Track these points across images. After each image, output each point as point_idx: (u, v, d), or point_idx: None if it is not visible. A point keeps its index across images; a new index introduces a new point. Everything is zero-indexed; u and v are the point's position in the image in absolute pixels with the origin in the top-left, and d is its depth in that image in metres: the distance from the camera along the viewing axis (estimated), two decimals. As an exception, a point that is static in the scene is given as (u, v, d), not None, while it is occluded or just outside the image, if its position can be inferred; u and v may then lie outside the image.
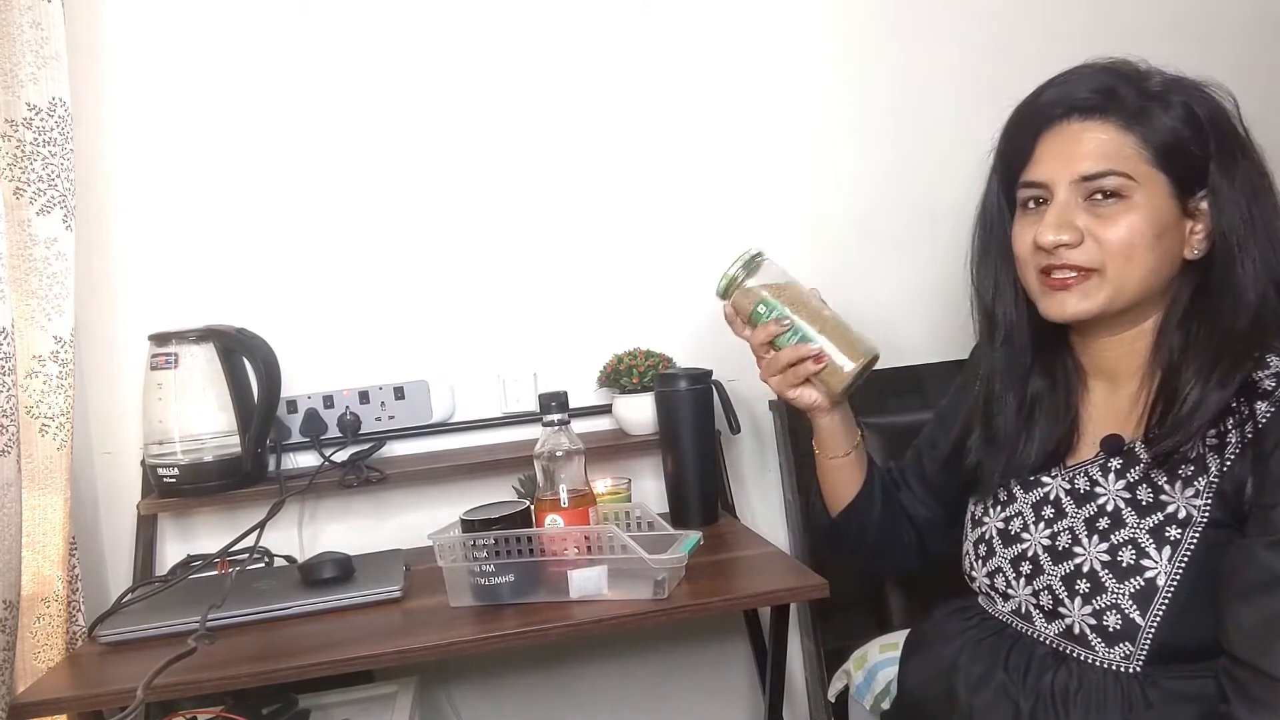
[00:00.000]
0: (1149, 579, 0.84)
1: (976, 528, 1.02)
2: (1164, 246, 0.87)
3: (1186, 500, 0.84)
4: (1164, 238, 0.87)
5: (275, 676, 1.03)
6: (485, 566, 1.13)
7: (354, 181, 1.57)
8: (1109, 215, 0.87)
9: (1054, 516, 0.94)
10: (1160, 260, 0.88)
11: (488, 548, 1.13)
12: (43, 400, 1.28)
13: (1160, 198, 0.87)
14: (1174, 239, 0.88)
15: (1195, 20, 1.76)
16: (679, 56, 1.64)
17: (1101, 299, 0.89)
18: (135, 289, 1.52)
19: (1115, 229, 0.87)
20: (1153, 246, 0.87)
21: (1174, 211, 0.87)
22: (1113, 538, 0.88)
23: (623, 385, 1.53)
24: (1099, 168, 0.87)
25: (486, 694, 1.63)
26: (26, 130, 1.28)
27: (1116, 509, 0.89)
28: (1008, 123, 0.97)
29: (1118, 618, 0.85)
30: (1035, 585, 0.93)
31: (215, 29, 1.52)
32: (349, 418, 1.54)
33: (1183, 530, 0.84)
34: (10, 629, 1.16)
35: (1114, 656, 0.86)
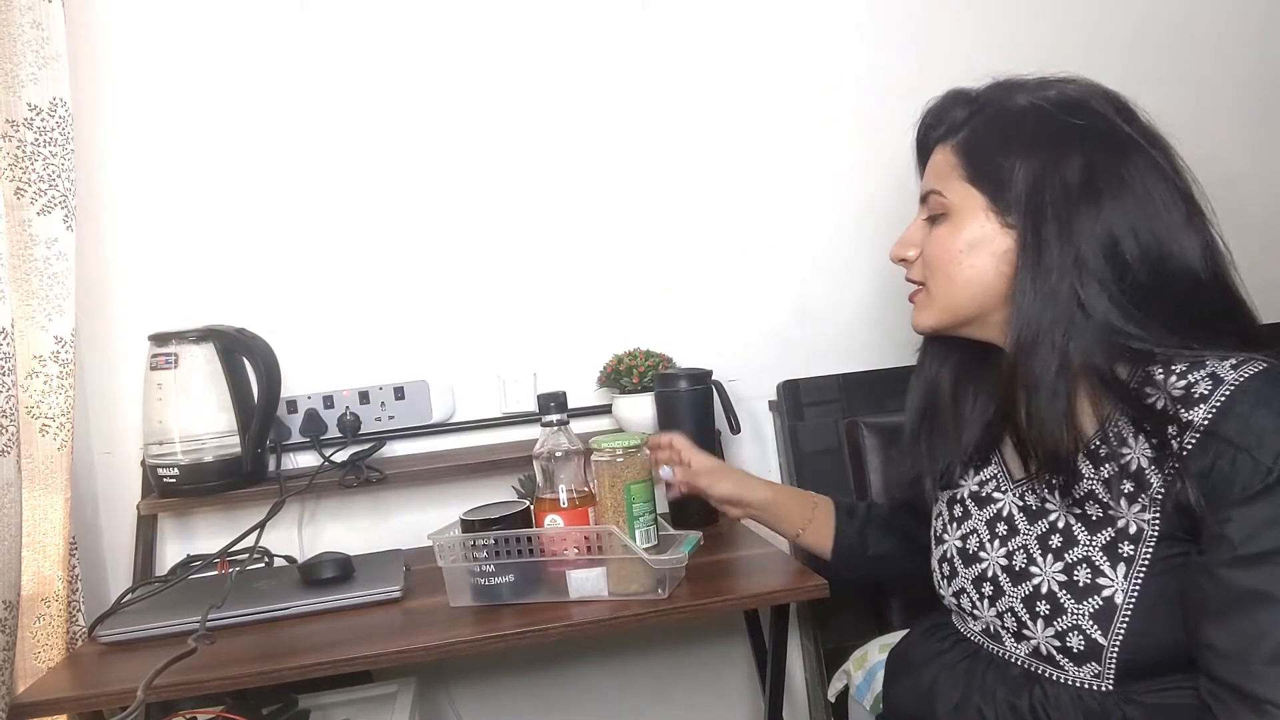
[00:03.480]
0: (1107, 598, 0.81)
1: (939, 545, 1.01)
2: (979, 260, 0.87)
3: (1135, 515, 0.81)
4: (977, 250, 0.87)
5: (275, 676, 1.03)
6: (485, 566, 1.13)
7: (354, 181, 1.57)
8: (933, 232, 0.91)
9: (1008, 534, 0.92)
10: (979, 273, 0.87)
11: (488, 548, 1.13)
12: (43, 400, 1.28)
13: (973, 211, 0.87)
14: (991, 252, 0.86)
15: (1210, 19, 1.77)
16: (679, 54, 1.64)
17: (935, 312, 0.92)
18: (135, 289, 1.52)
19: (930, 244, 0.91)
20: (964, 260, 0.87)
21: (990, 224, 0.86)
22: (1066, 556, 0.85)
23: (623, 385, 1.53)
24: (925, 189, 0.92)
25: (486, 694, 1.63)
26: (27, 130, 1.28)
27: (1068, 526, 0.86)
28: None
29: (1080, 639, 0.83)
30: (999, 607, 0.91)
31: (215, 29, 1.52)
32: (349, 418, 1.54)
33: (1135, 546, 0.81)
34: (10, 629, 1.16)
35: (1084, 675, 0.83)
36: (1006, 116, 0.88)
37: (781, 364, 1.66)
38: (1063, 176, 0.82)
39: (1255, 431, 0.74)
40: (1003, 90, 0.90)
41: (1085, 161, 0.82)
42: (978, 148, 0.88)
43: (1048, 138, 0.84)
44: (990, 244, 0.87)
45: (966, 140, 0.89)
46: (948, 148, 0.90)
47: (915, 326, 0.95)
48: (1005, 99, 0.89)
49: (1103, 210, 0.81)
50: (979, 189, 0.87)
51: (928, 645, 1.01)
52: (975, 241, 0.87)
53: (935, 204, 0.90)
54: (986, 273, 0.87)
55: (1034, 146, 0.84)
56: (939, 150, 0.92)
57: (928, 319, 0.93)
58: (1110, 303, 0.81)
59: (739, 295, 1.67)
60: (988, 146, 0.87)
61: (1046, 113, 0.85)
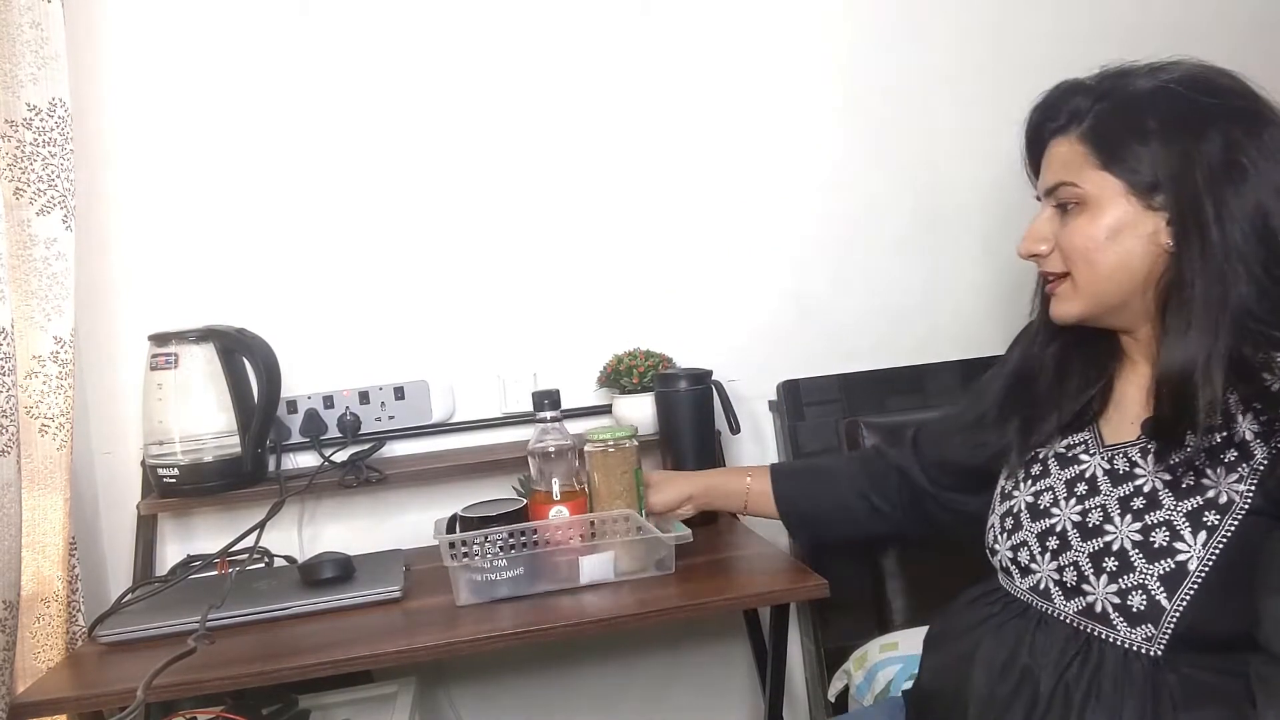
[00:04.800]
0: (1180, 562, 0.82)
1: (1005, 501, 1.01)
2: (1125, 245, 0.87)
3: (1229, 485, 0.82)
4: (1122, 236, 0.87)
5: (275, 676, 1.03)
6: (497, 562, 1.14)
7: (354, 182, 1.57)
8: (1068, 223, 0.91)
9: (1087, 493, 0.92)
10: (1125, 258, 0.87)
11: (500, 542, 1.14)
12: (43, 400, 1.28)
13: (1112, 198, 0.87)
14: (1137, 235, 0.87)
15: (1199, 18, 1.77)
16: (679, 56, 1.64)
17: (1080, 301, 0.92)
18: (135, 289, 1.52)
19: (1069, 235, 0.90)
20: (1108, 247, 0.88)
21: (1132, 208, 0.87)
22: (1147, 518, 0.86)
23: (623, 385, 1.53)
24: (1052, 181, 0.92)
25: (486, 694, 1.63)
26: (26, 130, 1.28)
27: (1154, 490, 0.87)
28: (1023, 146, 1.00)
29: (1143, 598, 0.84)
30: (1061, 561, 0.91)
31: (215, 29, 1.52)
32: (349, 418, 1.54)
33: (1221, 516, 0.82)
34: (10, 629, 1.16)
35: (1135, 637, 0.84)
36: (1133, 100, 0.87)
37: (781, 364, 1.66)
38: (1207, 155, 0.83)
39: None
40: (1119, 77, 0.90)
41: (1225, 139, 0.83)
42: (1108, 134, 0.88)
43: (1182, 118, 0.84)
44: (1136, 228, 0.87)
45: (1094, 128, 0.89)
46: (1072, 138, 0.90)
47: (1058, 317, 0.94)
48: (1126, 85, 0.89)
49: (1249, 186, 0.82)
50: (1116, 174, 0.87)
51: (974, 611, 1.01)
52: (1119, 227, 0.87)
53: (1068, 194, 0.90)
54: (1133, 255, 0.87)
55: (1169, 128, 0.85)
56: (1060, 142, 0.92)
57: (1073, 309, 0.93)
58: (1253, 283, 0.81)
59: (739, 295, 1.67)
60: (1119, 131, 0.87)
61: (1175, 93, 0.85)
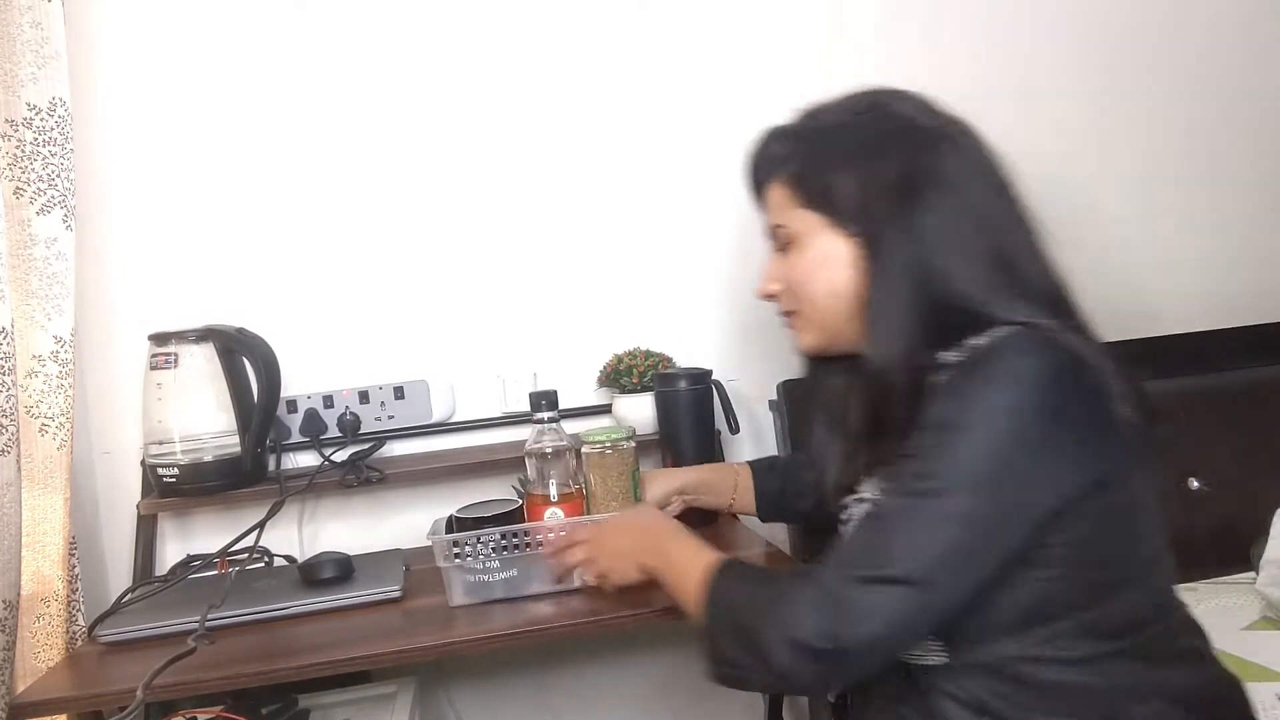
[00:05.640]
0: None
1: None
2: (830, 273, 0.92)
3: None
4: (827, 266, 0.92)
5: (275, 676, 1.03)
6: (490, 563, 1.14)
7: (354, 181, 1.57)
8: (787, 260, 0.96)
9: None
10: (832, 285, 0.92)
11: (493, 544, 1.14)
12: (43, 400, 1.28)
13: (816, 232, 0.92)
14: (839, 264, 0.91)
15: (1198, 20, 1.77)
16: (677, 54, 1.64)
17: (811, 332, 0.97)
18: (135, 289, 1.52)
19: (788, 272, 0.96)
20: (818, 277, 0.93)
21: (833, 239, 0.91)
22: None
23: (623, 385, 1.53)
24: (769, 224, 0.98)
25: (486, 694, 1.63)
26: (26, 130, 1.28)
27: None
28: None
29: None
30: None
31: (215, 29, 1.52)
32: (349, 418, 1.54)
33: None
34: (10, 629, 1.16)
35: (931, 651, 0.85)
36: (821, 138, 0.94)
37: (781, 364, 1.65)
38: (886, 178, 0.87)
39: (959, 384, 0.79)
40: (812, 116, 0.96)
41: (902, 160, 0.88)
42: (804, 174, 0.93)
43: (863, 146, 0.90)
44: (838, 255, 0.91)
45: (793, 171, 0.94)
46: (778, 182, 0.96)
47: (799, 350, 1.00)
48: (816, 122, 0.95)
49: (928, 203, 0.86)
50: (815, 210, 0.92)
51: None
52: (823, 259, 0.92)
53: (782, 235, 0.96)
54: (839, 282, 0.91)
55: (853, 158, 0.90)
56: (772, 187, 0.97)
57: (807, 340, 0.98)
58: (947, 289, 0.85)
59: (739, 294, 1.67)
60: (812, 170, 0.93)
61: (859, 124, 0.92)
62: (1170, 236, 1.77)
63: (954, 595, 0.78)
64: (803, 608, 0.78)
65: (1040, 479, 0.77)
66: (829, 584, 0.78)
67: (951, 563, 0.76)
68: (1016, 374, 0.77)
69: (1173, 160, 1.77)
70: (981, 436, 0.77)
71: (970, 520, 0.76)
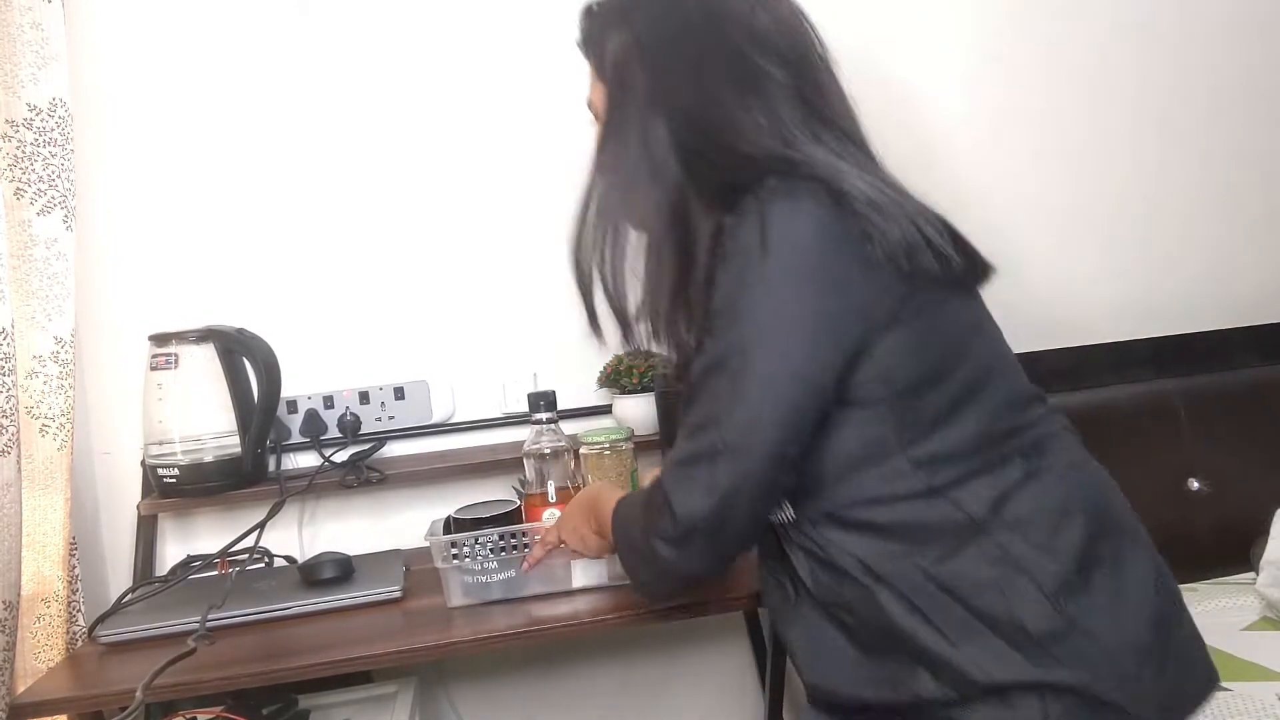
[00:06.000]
0: None
1: None
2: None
3: None
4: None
5: (275, 677, 1.03)
6: (488, 564, 1.14)
7: (354, 182, 1.57)
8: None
9: None
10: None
11: (491, 545, 1.14)
12: (43, 400, 1.28)
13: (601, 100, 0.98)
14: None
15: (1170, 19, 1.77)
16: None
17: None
18: (135, 289, 1.52)
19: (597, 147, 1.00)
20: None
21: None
22: None
23: (623, 385, 1.53)
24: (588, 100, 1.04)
25: (486, 694, 1.63)
26: (27, 130, 1.28)
27: None
28: None
29: None
30: None
31: (215, 29, 1.52)
32: (349, 418, 1.53)
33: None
34: (10, 629, 1.16)
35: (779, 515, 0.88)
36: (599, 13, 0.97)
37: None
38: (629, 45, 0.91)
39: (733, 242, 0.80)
40: None
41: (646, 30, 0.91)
42: (590, 46, 0.98)
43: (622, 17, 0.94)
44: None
45: (584, 43, 0.98)
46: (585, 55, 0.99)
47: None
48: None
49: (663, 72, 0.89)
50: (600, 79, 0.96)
51: None
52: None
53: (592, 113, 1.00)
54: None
55: (615, 27, 0.94)
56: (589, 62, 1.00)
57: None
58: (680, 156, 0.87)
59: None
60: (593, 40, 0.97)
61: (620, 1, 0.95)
62: (1170, 236, 1.77)
63: (776, 449, 0.79)
64: (656, 505, 0.83)
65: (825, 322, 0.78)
66: (665, 476, 0.83)
67: (760, 420, 0.78)
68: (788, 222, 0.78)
69: (1172, 160, 1.77)
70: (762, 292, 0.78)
71: (767, 376, 0.78)
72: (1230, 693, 1.11)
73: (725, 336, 0.80)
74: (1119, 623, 0.78)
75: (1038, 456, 0.83)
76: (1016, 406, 0.86)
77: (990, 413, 0.83)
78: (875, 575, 0.80)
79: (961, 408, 0.81)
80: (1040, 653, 0.76)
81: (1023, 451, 0.83)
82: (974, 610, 0.77)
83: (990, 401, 0.83)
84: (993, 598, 0.77)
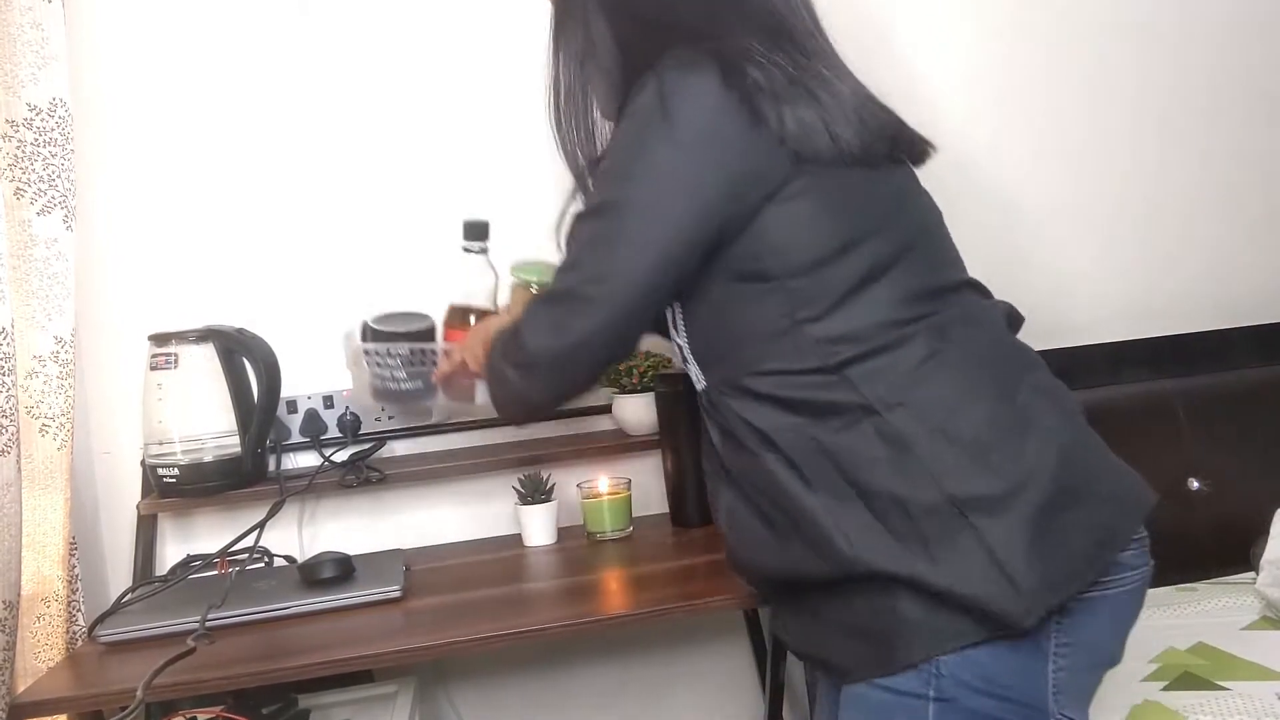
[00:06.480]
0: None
1: None
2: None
3: None
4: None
5: (275, 676, 1.03)
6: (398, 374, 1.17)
7: (354, 182, 1.57)
8: None
9: None
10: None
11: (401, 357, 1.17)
12: (43, 400, 1.28)
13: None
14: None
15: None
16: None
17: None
18: (135, 289, 1.52)
19: None
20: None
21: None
22: None
23: (623, 385, 1.53)
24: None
25: (486, 694, 1.63)
26: (27, 130, 1.28)
27: None
28: None
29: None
30: None
31: (215, 29, 1.52)
32: (349, 418, 1.53)
33: None
34: (10, 629, 1.16)
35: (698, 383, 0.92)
36: None
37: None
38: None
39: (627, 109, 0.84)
40: None
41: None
42: None
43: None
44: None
45: None
46: None
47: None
48: None
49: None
50: None
51: None
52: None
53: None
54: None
55: None
56: None
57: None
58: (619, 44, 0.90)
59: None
60: None
61: None
62: (1170, 236, 1.77)
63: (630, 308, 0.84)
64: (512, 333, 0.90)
65: (704, 191, 0.80)
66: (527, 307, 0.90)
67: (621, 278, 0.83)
68: (683, 90, 0.80)
69: (1172, 160, 1.77)
70: (648, 154, 0.82)
71: (637, 237, 0.82)
72: (1230, 692, 1.11)
73: (608, 191, 0.84)
74: (1007, 516, 0.76)
75: (942, 340, 0.82)
76: (931, 290, 0.85)
77: (900, 293, 0.82)
78: (771, 444, 0.83)
79: (868, 285, 0.82)
80: (920, 547, 0.76)
81: (930, 333, 0.82)
82: (855, 482, 0.79)
83: (901, 282, 0.83)
84: (879, 474, 0.78)
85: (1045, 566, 0.76)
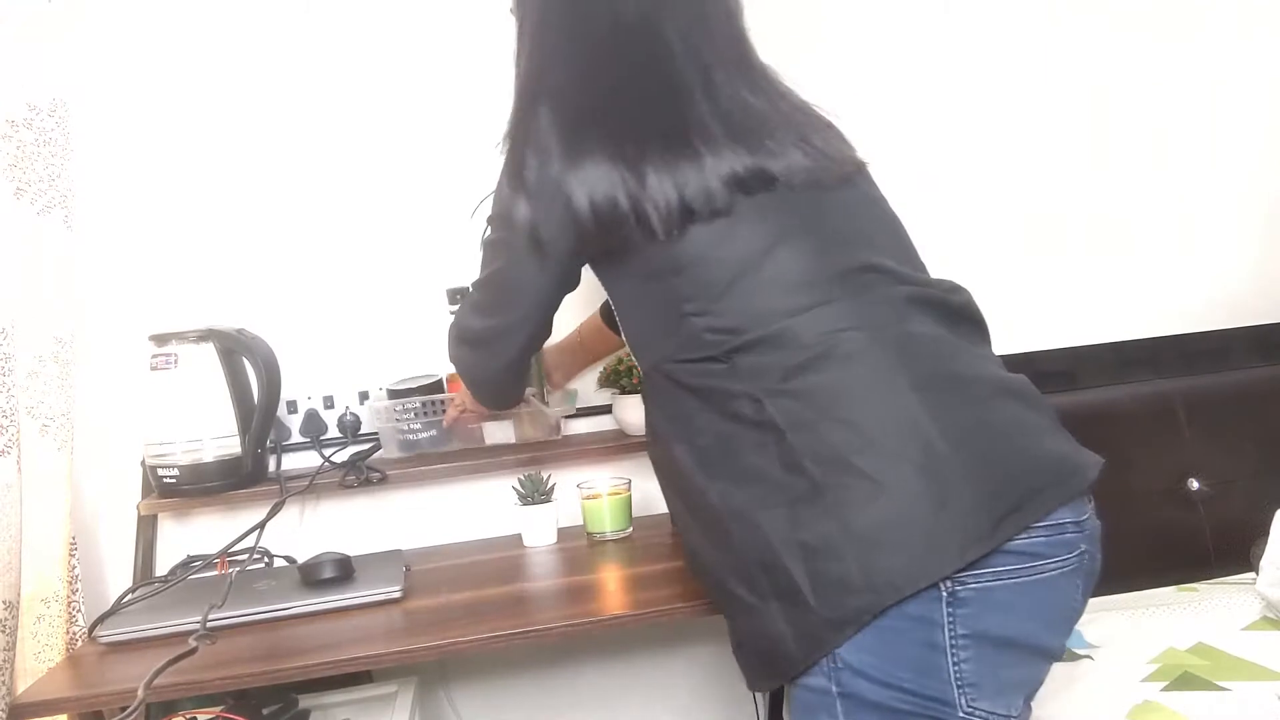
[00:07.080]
0: None
1: None
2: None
3: None
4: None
5: (275, 676, 1.03)
6: (412, 425, 1.47)
7: (355, 182, 1.57)
8: None
9: None
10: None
11: (415, 410, 1.46)
12: (43, 400, 1.28)
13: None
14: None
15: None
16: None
17: None
18: (135, 289, 1.52)
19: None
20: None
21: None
22: None
23: (623, 385, 1.53)
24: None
25: (486, 694, 1.63)
26: (27, 130, 1.28)
27: None
28: None
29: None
30: None
31: (216, 29, 1.52)
32: (349, 418, 1.54)
33: None
34: (10, 629, 1.16)
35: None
36: None
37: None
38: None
39: None
40: None
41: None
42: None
43: None
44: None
45: None
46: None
47: None
48: None
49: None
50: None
51: None
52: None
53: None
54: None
55: None
56: None
57: None
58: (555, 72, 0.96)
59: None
60: None
61: None
62: (1170, 237, 1.77)
63: (526, 347, 1.05)
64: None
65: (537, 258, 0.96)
66: (451, 338, 1.11)
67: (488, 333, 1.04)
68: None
69: (1172, 160, 1.77)
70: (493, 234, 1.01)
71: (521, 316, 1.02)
72: (1230, 693, 1.11)
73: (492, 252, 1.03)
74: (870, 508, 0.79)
75: (834, 328, 0.84)
76: (827, 277, 0.87)
77: (782, 284, 0.86)
78: (677, 425, 0.91)
79: (746, 276, 0.86)
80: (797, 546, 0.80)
81: (818, 322, 0.84)
82: (747, 469, 0.84)
83: (784, 272, 0.86)
84: (765, 460, 0.83)
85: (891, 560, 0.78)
